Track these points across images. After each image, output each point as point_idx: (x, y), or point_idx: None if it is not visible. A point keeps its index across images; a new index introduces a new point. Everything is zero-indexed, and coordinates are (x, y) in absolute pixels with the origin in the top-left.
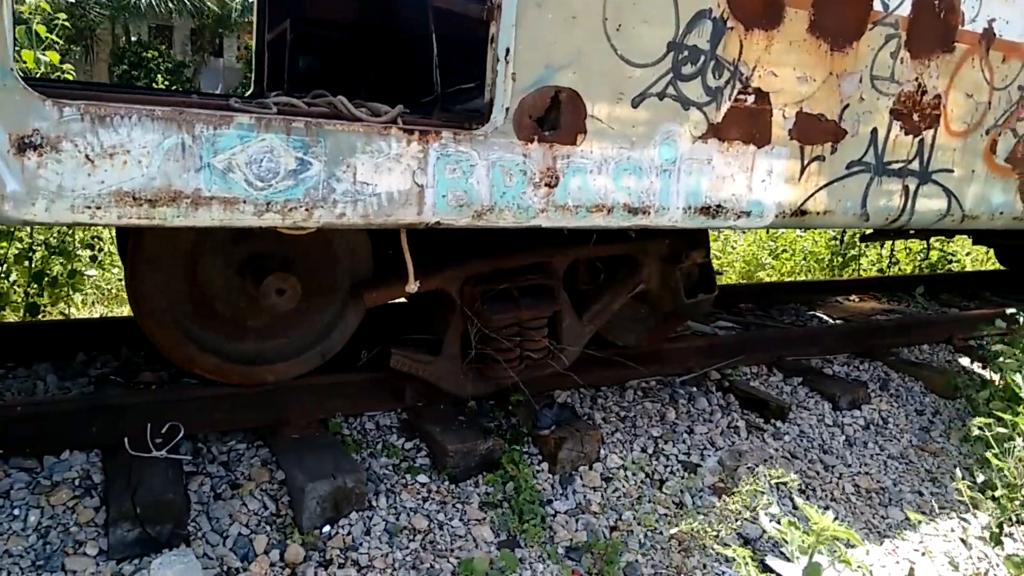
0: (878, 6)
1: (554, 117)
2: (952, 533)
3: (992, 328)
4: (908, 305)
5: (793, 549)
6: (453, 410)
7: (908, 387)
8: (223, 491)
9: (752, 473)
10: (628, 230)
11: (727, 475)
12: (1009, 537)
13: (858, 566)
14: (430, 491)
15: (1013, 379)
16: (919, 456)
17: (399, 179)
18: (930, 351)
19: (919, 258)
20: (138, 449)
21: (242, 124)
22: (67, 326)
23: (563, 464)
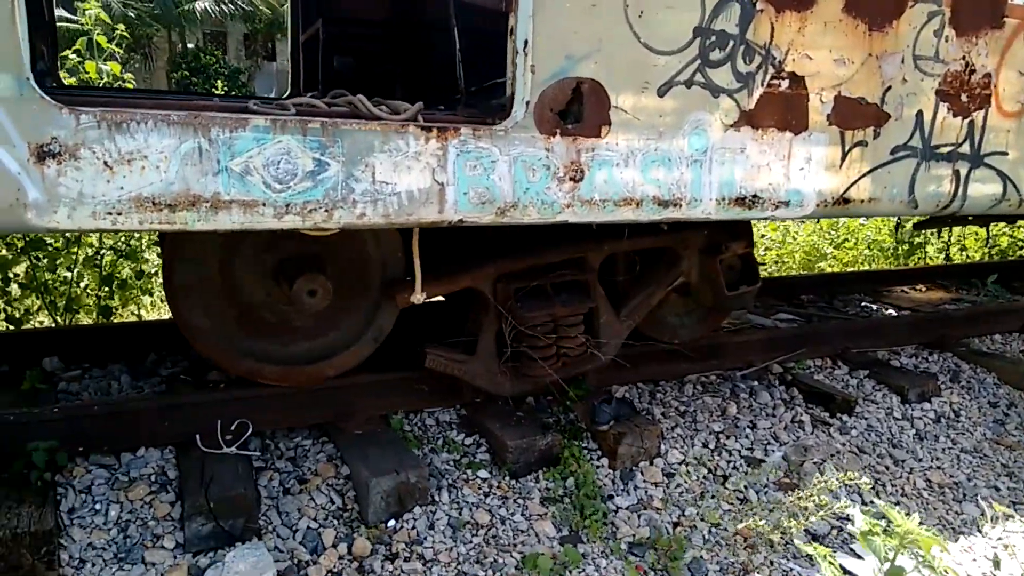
0: None
1: (577, 109)
2: None
3: None
4: (978, 293)
5: (876, 549)
6: (511, 406)
7: (980, 379)
8: (291, 486)
9: (819, 468)
10: (660, 223)
11: (792, 470)
12: None
13: (945, 570)
14: (491, 486)
15: None
16: (994, 450)
17: (419, 177)
18: (1002, 341)
19: (988, 245)
20: (209, 446)
21: (258, 126)
22: (138, 327)
23: (623, 459)
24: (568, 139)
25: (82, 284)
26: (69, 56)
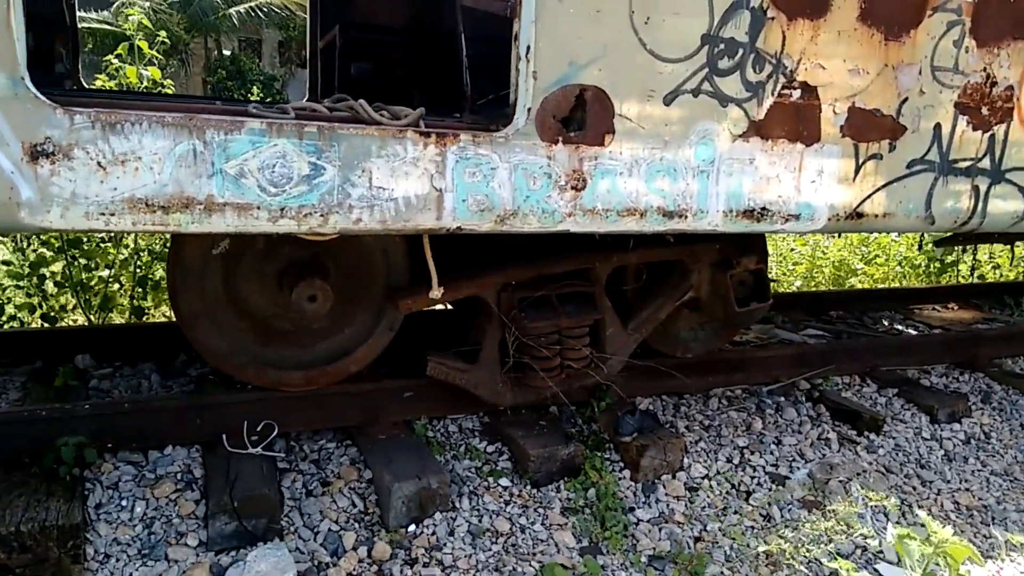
0: None
1: (580, 117)
2: None
3: None
4: (1011, 313)
5: (911, 552)
6: (534, 415)
7: (1012, 400)
8: (314, 488)
9: (844, 487)
10: (664, 234)
11: (818, 488)
12: None
13: None
14: (512, 495)
15: None
16: None
17: (416, 183)
18: None
19: (1013, 263)
20: (235, 446)
21: (253, 129)
22: (169, 328)
23: (645, 472)
24: (570, 147)
25: (118, 284)
26: (111, 61)
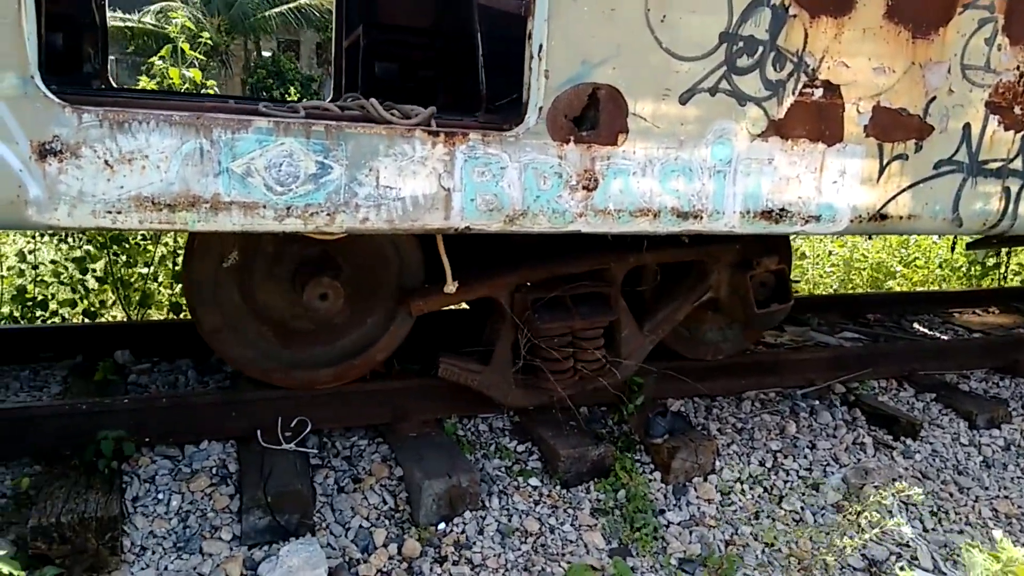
0: None
1: (592, 116)
2: None
3: None
4: None
5: (974, 564)
6: (564, 415)
7: None
8: (346, 484)
9: (879, 493)
10: (681, 235)
11: (852, 493)
12: None
13: None
14: (541, 495)
15: None
16: None
17: (424, 183)
18: None
19: None
20: (269, 441)
21: (260, 128)
22: None
23: (676, 474)
24: (582, 146)
25: (157, 281)
26: (156, 63)
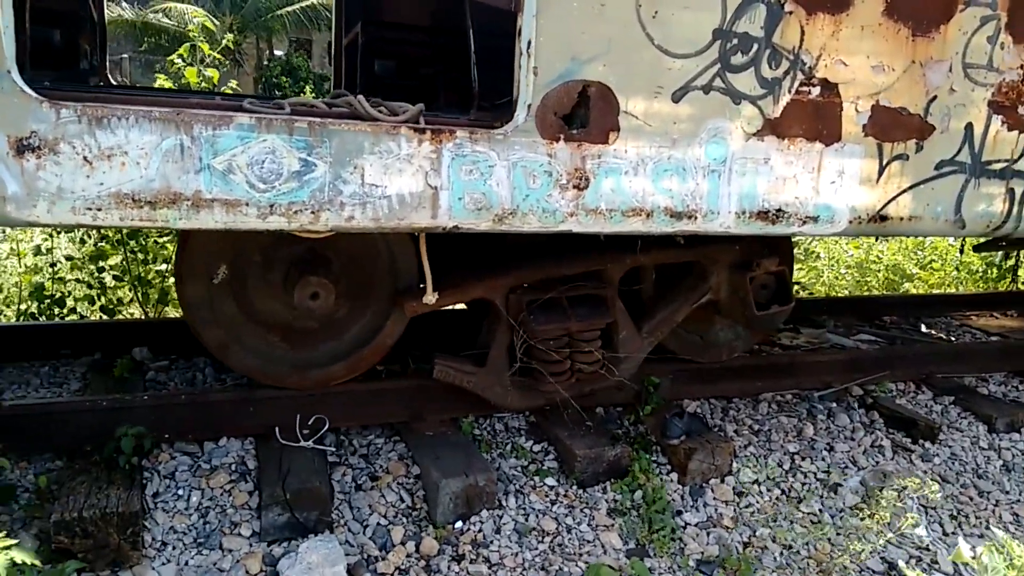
0: None
1: (583, 114)
2: None
3: None
4: None
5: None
6: (581, 415)
7: None
8: (363, 482)
9: (898, 496)
10: (675, 236)
11: (871, 496)
12: None
13: None
14: (558, 494)
15: None
16: None
17: (411, 181)
18: None
19: None
20: (287, 439)
21: (242, 125)
22: None
23: (693, 475)
24: (572, 145)
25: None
26: (174, 61)
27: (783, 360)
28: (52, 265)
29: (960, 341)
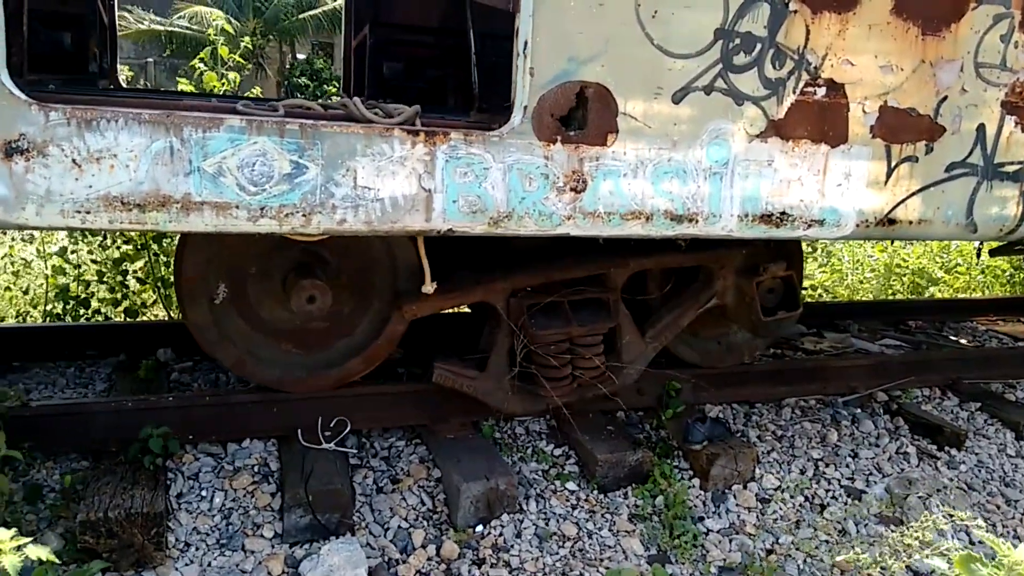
0: None
1: (580, 115)
2: None
3: None
4: None
5: None
6: (602, 419)
7: None
8: (384, 485)
9: (924, 503)
10: (677, 239)
11: (895, 503)
12: None
13: None
14: (579, 499)
15: None
16: None
17: (404, 183)
18: None
19: None
20: (309, 441)
21: (232, 127)
22: None
23: (715, 481)
24: (570, 147)
25: None
26: (196, 65)
27: (807, 365)
28: (77, 267)
29: (987, 346)
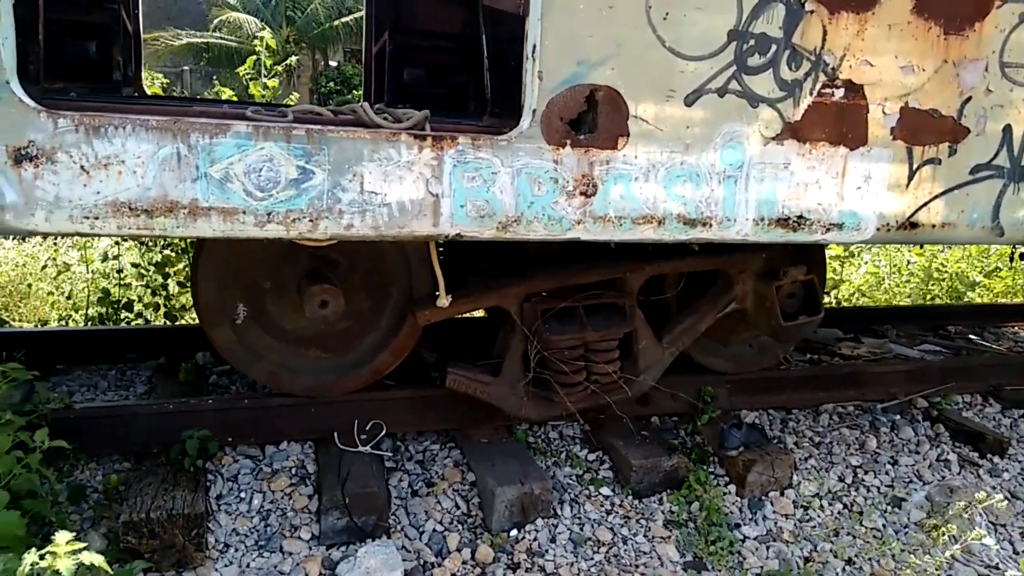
0: None
1: (590, 119)
2: None
3: None
4: None
5: None
6: (636, 424)
7: None
8: (419, 488)
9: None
10: (688, 244)
11: (936, 511)
12: None
13: None
14: (613, 504)
15: None
16: None
17: (411, 188)
18: None
19: None
20: (346, 444)
21: (239, 133)
22: None
23: (752, 488)
24: (580, 150)
25: None
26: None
27: (845, 370)
28: (118, 271)
29: None
